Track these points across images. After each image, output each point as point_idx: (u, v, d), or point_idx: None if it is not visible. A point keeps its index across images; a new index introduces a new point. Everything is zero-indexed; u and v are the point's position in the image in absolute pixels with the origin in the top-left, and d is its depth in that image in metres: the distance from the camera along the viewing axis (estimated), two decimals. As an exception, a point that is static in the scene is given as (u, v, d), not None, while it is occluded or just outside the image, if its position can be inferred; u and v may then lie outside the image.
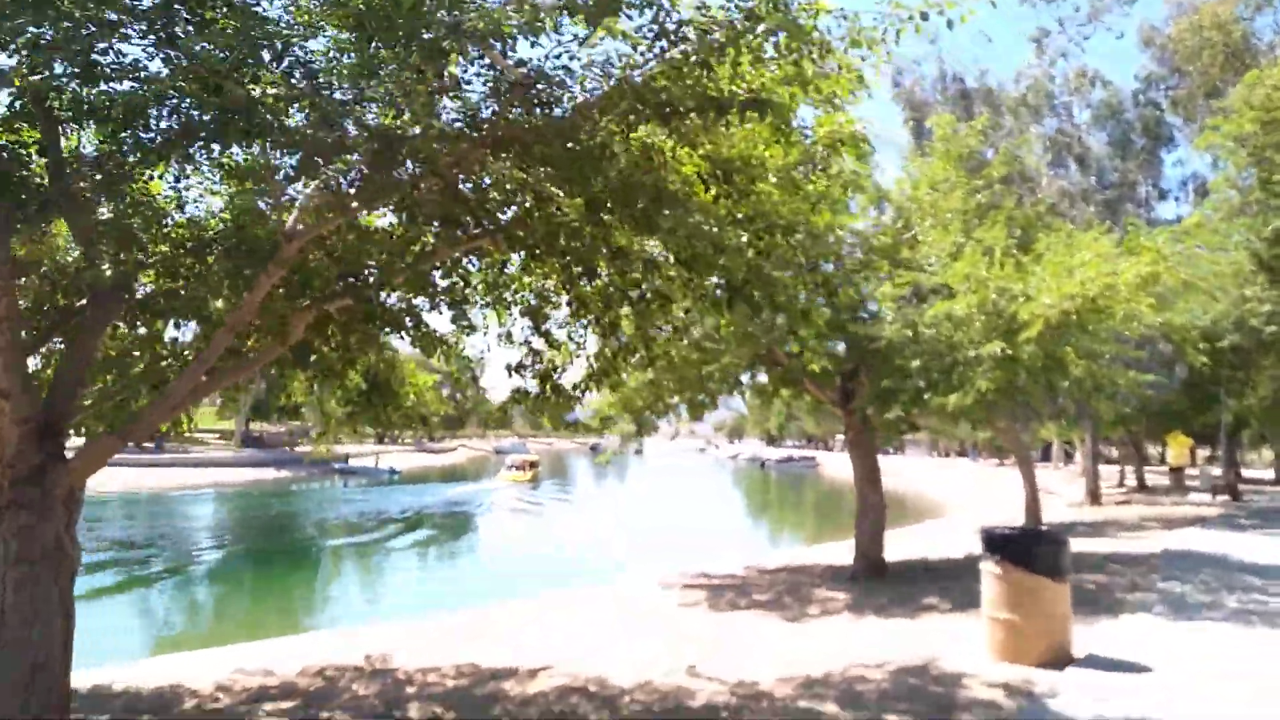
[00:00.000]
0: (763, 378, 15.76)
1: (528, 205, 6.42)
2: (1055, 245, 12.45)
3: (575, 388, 8.51)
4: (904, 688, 7.36)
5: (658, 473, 78.85)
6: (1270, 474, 49.68)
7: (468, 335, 8.19)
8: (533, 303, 8.12)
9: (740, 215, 6.52)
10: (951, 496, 50.25)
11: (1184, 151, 38.26)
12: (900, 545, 19.83)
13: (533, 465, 62.49)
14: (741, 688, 7.56)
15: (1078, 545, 18.50)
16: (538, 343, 8.33)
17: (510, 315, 8.28)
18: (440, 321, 49.59)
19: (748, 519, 45.59)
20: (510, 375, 8.40)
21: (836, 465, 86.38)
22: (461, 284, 7.72)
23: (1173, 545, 17.23)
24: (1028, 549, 7.98)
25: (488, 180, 6.42)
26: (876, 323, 12.48)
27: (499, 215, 6.67)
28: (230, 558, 26.76)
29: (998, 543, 8.09)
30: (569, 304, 7.77)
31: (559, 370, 8.52)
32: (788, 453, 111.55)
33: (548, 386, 8.32)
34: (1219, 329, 24.13)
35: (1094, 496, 31.05)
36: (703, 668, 8.34)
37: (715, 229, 6.19)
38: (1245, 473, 55.84)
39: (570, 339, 8.58)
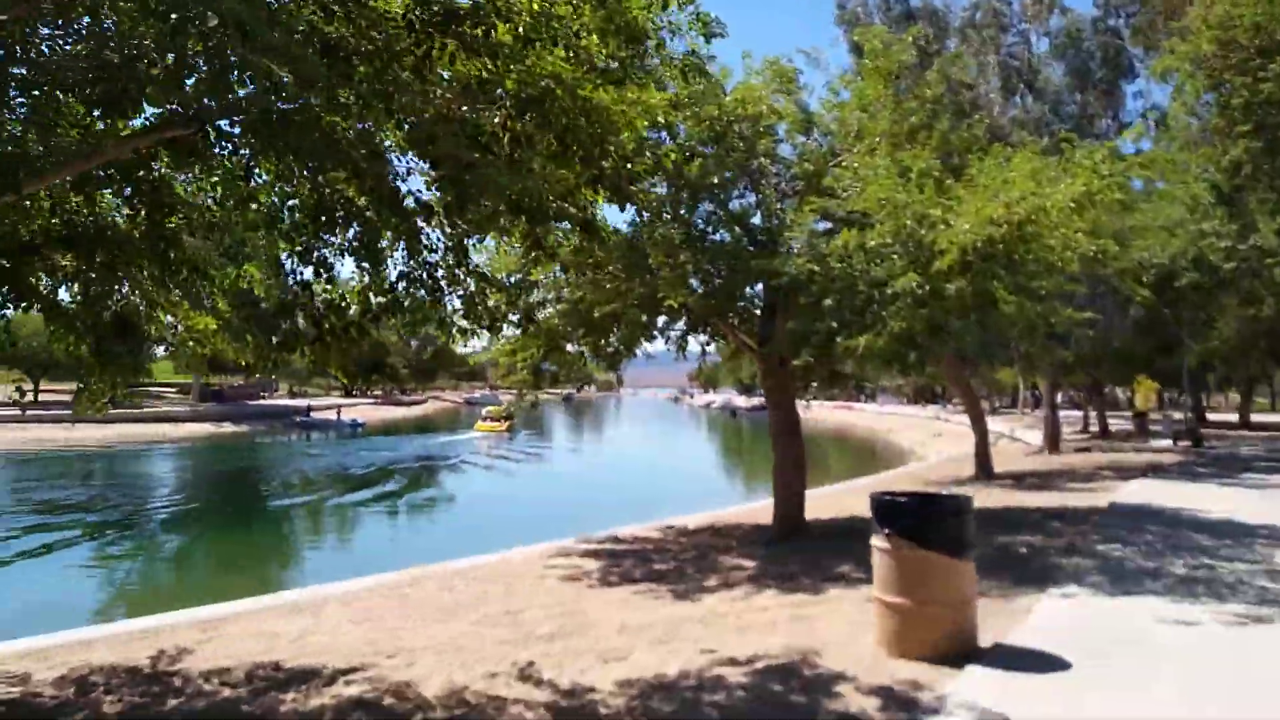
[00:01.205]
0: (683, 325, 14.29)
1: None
2: (990, 169, 10.93)
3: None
4: (762, 695, 5.97)
5: (630, 421, 78.34)
6: (1236, 417, 48.95)
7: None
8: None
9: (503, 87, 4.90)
10: (917, 444, 49.48)
11: (1144, 83, 36.79)
12: (842, 501, 18.57)
13: (508, 416, 62.67)
14: (570, 697, 6.16)
15: (1021, 498, 17.60)
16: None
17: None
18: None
19: (702, 470, 44.34)
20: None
21: (804, 412, 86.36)
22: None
23: (1123, 498, 16.04)
24: (922, 520, 6.57)
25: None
26: (784, 256, 10.99)
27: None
28: (160, 519, 25.03)
29: (886, 512, 6.68)
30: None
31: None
32: (759, 401, 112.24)
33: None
34: (1177, 266, 22.85)
35: (1053, 443, 29.95)
36: (541, 666, 6.94)
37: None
38: (1212, 416, 55.41)
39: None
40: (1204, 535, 11.76)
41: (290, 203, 5.68)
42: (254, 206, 5.87)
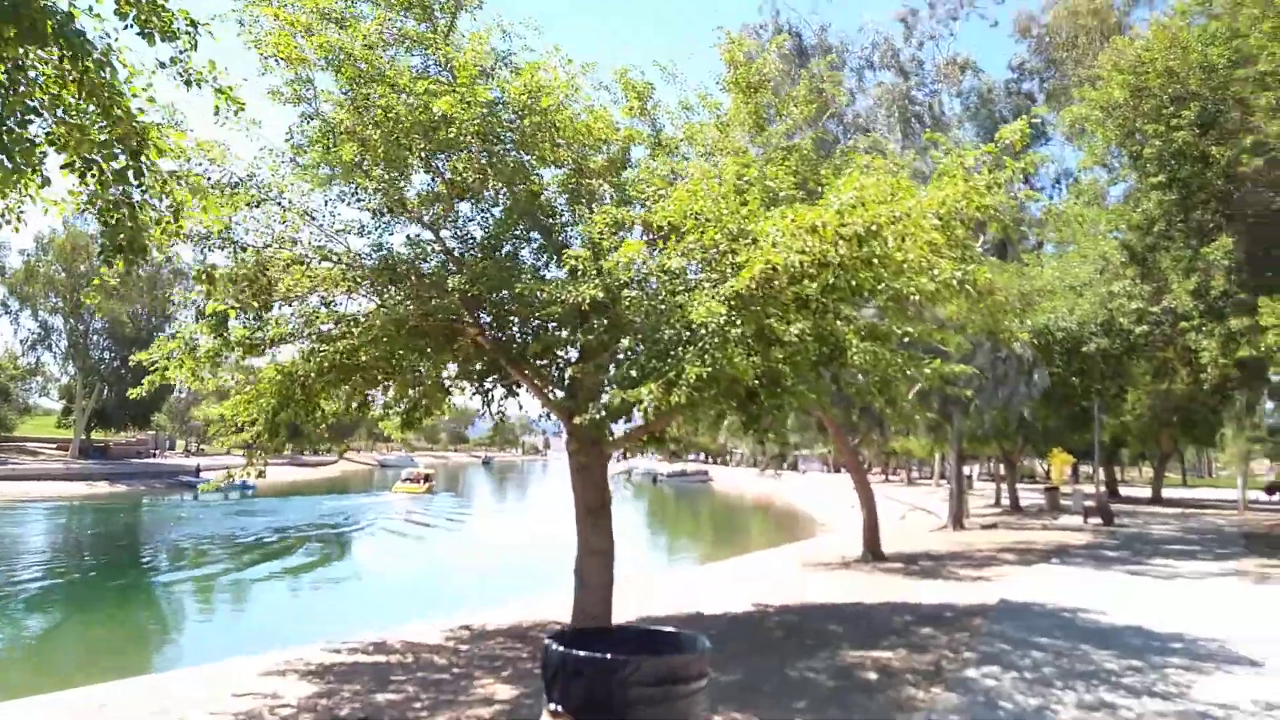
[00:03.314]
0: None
1: None
2: (843, 184, 8.43)
3: None
4: None
5: (551, 486, 75.89)
6: (1149, 492, 47.73)
7: None
8: None
9: None
10: (832, 516, 47.16)
11: (1058, 148, 35.72)
12: (696, 590, 15.81)
13: (427, 478, 62.61)
14: None
15: (903, 589, 14.90)
16: None
17: None
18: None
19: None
20: None
21: (730, 479, 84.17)
22: None
23: (1017, 593, 13.56)
24: (609, 692, 3.80)
25: None
26: (558, 283, 8.33)
27: None
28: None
29: (561, 671, 3.91)
30: None
31: None
32: (682, 467, 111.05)
33: None
34: (1085, 332, 20.90)
35: (957, 520, 27.70)
36: None
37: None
38: (1126, 490, 54.32)
39: None
40: (1107, 653, 9.24)
41: None
42: None
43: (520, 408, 12.02)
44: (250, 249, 8.90)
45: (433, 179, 9.76)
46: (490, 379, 10.97)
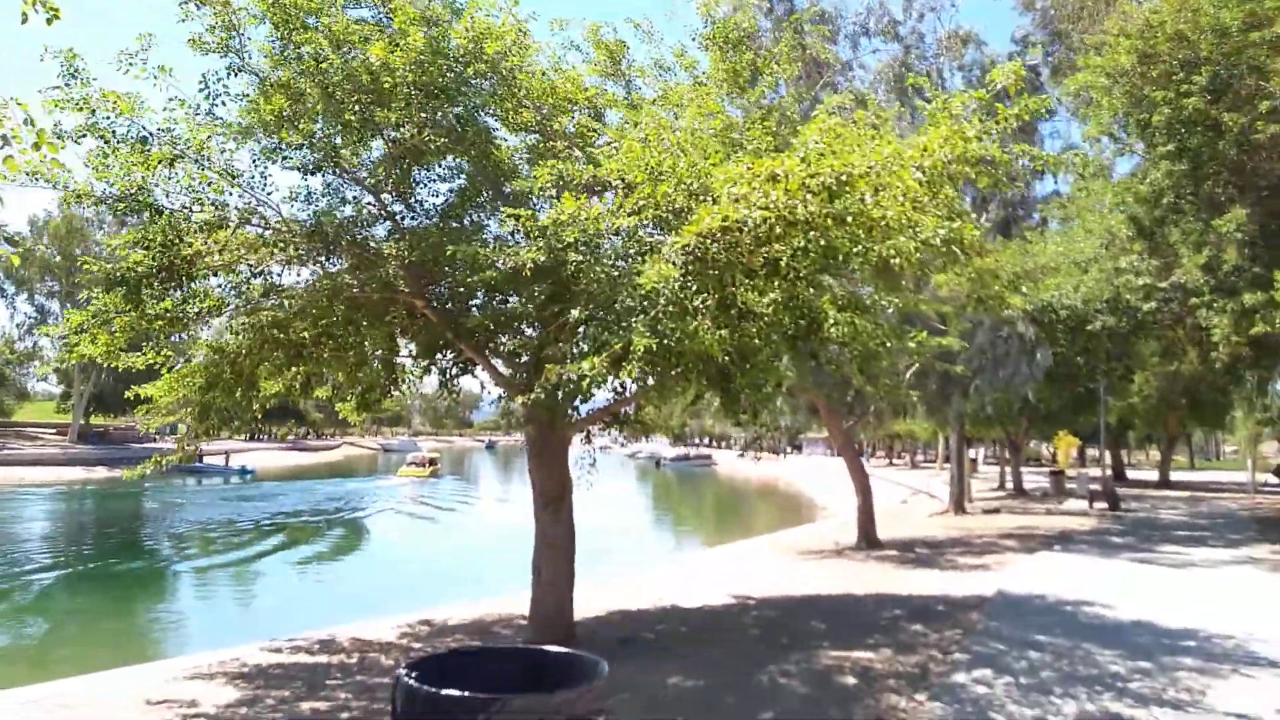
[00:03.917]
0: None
1: None
2: (814, 132, 7.53)
3: None
4: None
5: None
6: (1156, 475, 46.81)
7: None
8: None
9: None
10: (832, 499, 46.38)
11: (1062, 124, 34.64)
12: (695, 575, 15.04)
13: (431, 462, 63.21)
14: None
15: (895, 579, 14.03)
16: None
17: None
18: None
19: (604, 525, 39.93)
20: None
21: (733, 463, 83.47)
22: None
23: (1016, 583, 12.74)
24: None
25: None
26: (497, 247, 7.48)
27: None
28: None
29: (404, 708, 3.09)
30: None
31: None
32: (685, 451, 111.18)
33: None
34: (1090, 310, 19.97)
35: (958, 504, 26.87)
36: None
37: None
38: (1132, 474, 53.37)
39: None
40: (1112, 651, 8.41)
41: None
42: None
43: (482, 387, 11.20)
44: (165, 212, 8.06)
45: (372, 138, 8.89)
46: (445, 356, 10.13)
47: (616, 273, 7.22)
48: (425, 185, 9.70)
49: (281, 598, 19.36)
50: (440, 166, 9.61)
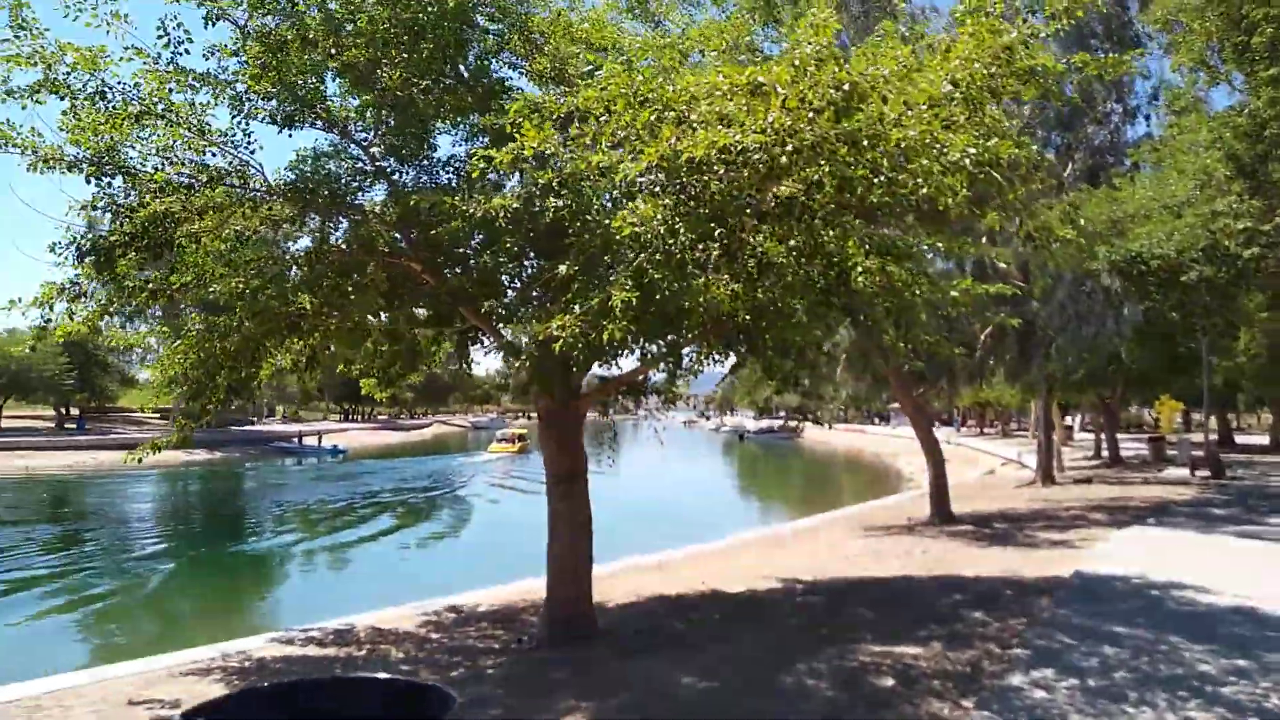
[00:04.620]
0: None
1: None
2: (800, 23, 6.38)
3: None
4: None
5: (641, 446, 75.93)
6: (1267, 439, 43.78)
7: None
8: None
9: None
10: (917, 470, 44.75)
11: (1158, 63, 32.07)
12: (748, 554, 14.15)
13: (520, 438, 63.50)
14: None
15: (964, 557, 12.69)
16: None
17: None
18: None
19: (687, 500, 38.92)
20: None
21: (819, 435, 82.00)
22: None
23: (1097, 563, 11.47)
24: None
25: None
26: (463, 194, 6.64)
27: None
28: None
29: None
30: None
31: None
32: (769, 424, 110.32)
33: None
34: (1185, 259, 18.20)
35: (1046, 473, 25.25)
36: None
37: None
38: (1241, 438, 50.08)
39: None
40: (1202, 648, 7.22)
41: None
42: None
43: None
44: (132, 175, 7.46)
45: (355, 86, 8.13)
46: (454, 325, 9.38)
47: (608, 220, 6.31)
48: (424, 141, 8.86)
49: (338, 580, 19.22)
50: (450, 124, 8.82)
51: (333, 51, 7.68)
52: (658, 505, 30.97)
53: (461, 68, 8.42)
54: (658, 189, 6.18)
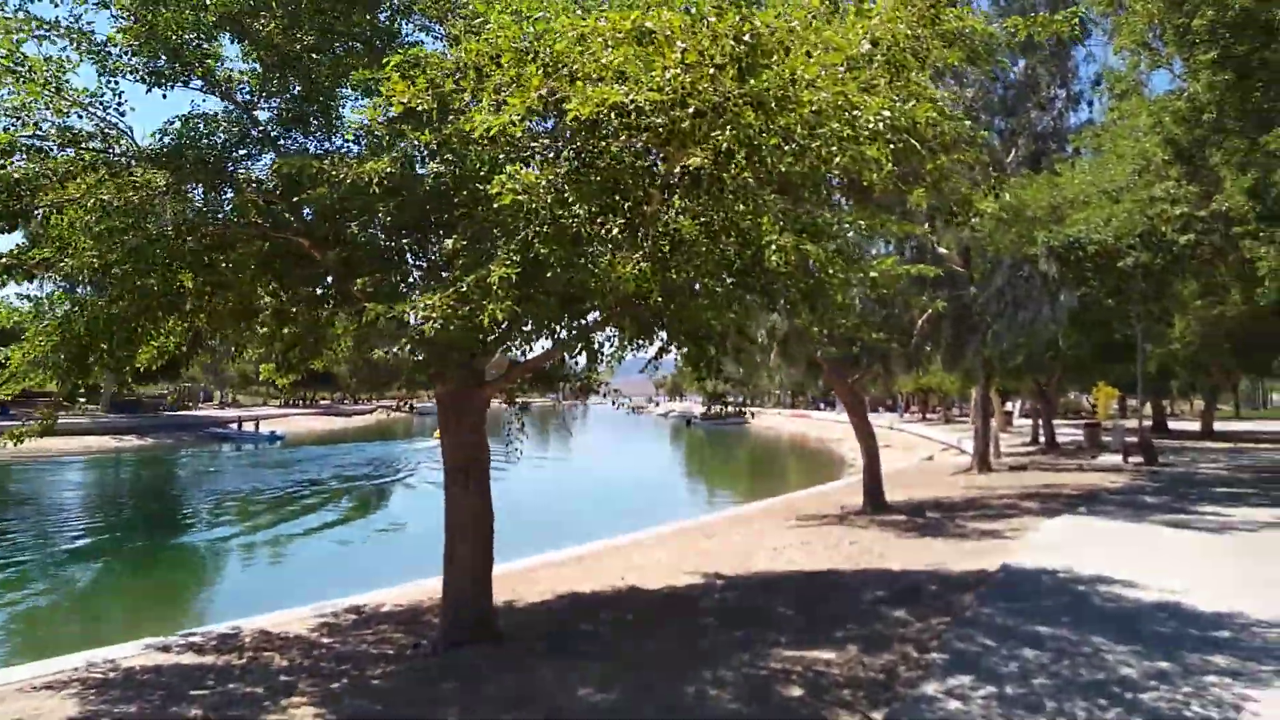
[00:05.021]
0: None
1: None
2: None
3: None
4: None
5: (587, 430, 75.24)
6: (1198, 425, 44.61)
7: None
8: None
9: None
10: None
11: (1102, 49, 32.16)
12: (671, 548, 13.71)
13: None
14: None
15: (891, 550, 11.89)
16: None
17: None
18: None
19: (624, 487, 38.44)
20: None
21: (766, 420, 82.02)
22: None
23: (1026, 556, 11.21)
24: None
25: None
26: (333, 158, 6.02)
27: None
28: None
29: None
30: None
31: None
32: (715, 410, 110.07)
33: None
34: (1122, 244, 18.09)
35: (983, 461, 25.22)
36: None
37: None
38: (1175, 424, 51.01)
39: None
40: (1126, 649, 6.90)
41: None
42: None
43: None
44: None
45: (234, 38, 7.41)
46: (346, 305, 8.70)
47: (484, 187, 5.70)
48: (328, 108, 8.14)
49: (264, 575, 18.40)
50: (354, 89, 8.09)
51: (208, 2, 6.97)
52: (589, 493, 30.53)
53: (368, 31, 7.74)
54: (551, 154, 5.63)
